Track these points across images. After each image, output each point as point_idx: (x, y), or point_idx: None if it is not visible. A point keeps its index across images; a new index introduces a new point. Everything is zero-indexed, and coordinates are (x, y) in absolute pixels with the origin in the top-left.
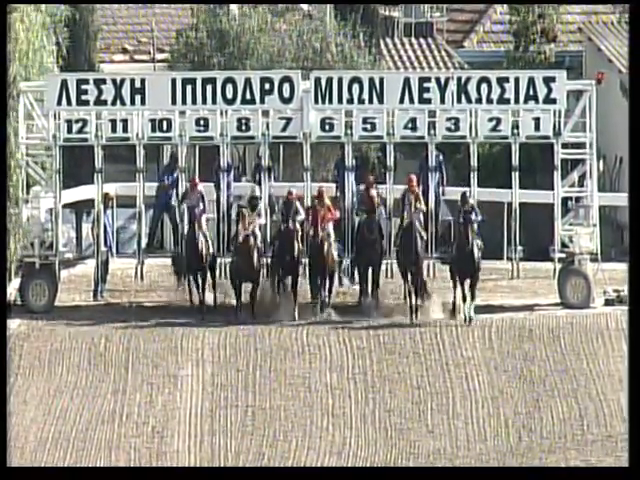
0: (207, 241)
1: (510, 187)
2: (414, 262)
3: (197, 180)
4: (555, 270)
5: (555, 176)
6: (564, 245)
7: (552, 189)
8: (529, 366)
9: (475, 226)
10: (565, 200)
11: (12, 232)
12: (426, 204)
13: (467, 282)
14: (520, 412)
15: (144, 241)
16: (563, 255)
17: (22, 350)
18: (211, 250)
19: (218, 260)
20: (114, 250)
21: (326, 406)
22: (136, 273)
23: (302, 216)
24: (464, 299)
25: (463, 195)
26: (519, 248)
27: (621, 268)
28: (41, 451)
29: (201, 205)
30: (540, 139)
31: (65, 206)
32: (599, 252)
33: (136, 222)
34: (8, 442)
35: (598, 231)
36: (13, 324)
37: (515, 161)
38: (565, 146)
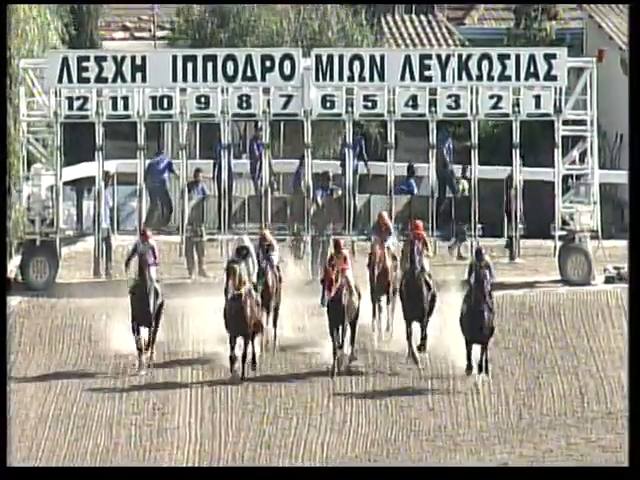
0: (157, 295)
1: (511, 164)
2: (421, 316)
3: (148, 232)
4: (556, 247)
5: (556, 153)
6: (565, 222)
7: (553, 166)
8: (529, 343)
9: (489, 287)
10: (566, 178)
11: (13, 209)
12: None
13: (477, 347)
14: (520, 389)
15: (144, 218)
16: (564, 232)
17: (22, 327)
18: (160, 300)
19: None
20: (115, 227)
21: (327, 383)
22: None
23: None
24: (480, 367)
25: (478, 252)
26: (520, 226)
27: (621, 245)
28: (42, 428)
29: (151, 258)
30: (541, 116)
31: (66, 183)
32: (599, 229)
33: (136, 199)
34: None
35: (598, 208)
36: (14, 301)
37: (516, 138)
38: (566, 123)
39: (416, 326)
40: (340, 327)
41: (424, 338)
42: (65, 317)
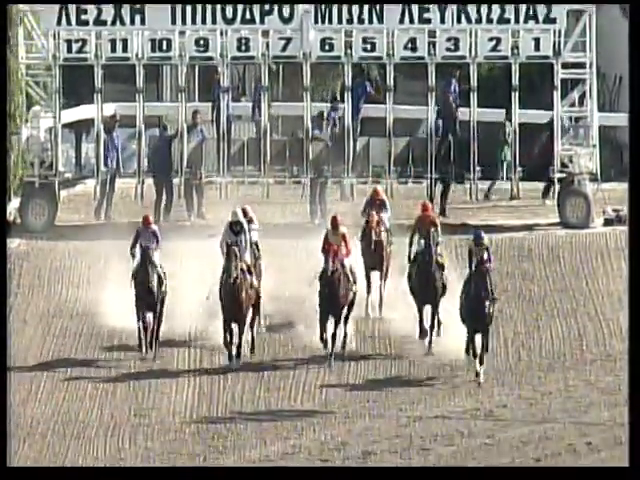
0: (160, 280)
1: (508, 107)
2: (433, 299)
3: (150, 218)
4: (555, 190)
5: (555, 96)
6: (564, 165)
7: (552, 109)
8: (528, 285)
9: (489, 273)
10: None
11: (12, 152)
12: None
13: (478, 336)
14: (519, 331)
15: (144, 161)
16: (563, 175)
17: (22, 269)
18: (163, 288)
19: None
20: (121, 170)
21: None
22: (136, 193)
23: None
24: (481, 359)
25: (477, 234)
26: (518, 168)
27: (621, 188)
28: (40, 370)
29: (154, 243)
30: (540, 59)
31: (65, 126)
32: (599, 172)
33: (135, 142)
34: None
35: (598, 151)
36: (13, 243)
37: (515, 81)
38: (565, 66)
39: (427, 308)
40: (333, 317)
41: (435, 319)
42: (64, 259)
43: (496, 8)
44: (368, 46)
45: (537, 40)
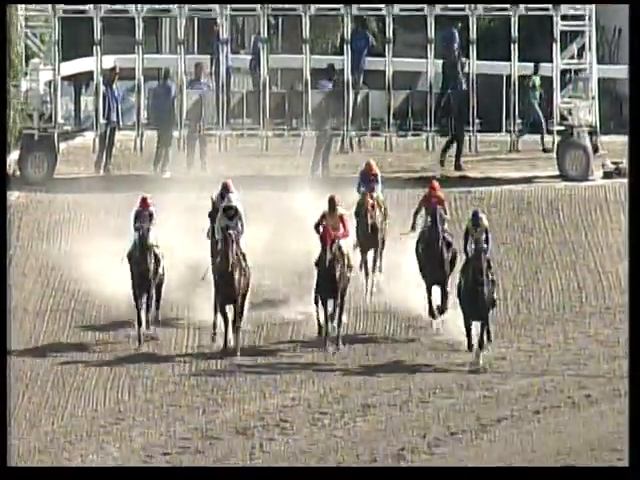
0: (157, 262)
1: (509, 59)
2: (442, 279)
3: (148, 200)
4: (554, 143)
5: (554, 48)
6: (563, 118)
7: (551, 62)
8: (527, 238)
9: (487, 256)
10: (564, 72)
11: (11, 104)
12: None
13: (477, 323)
14: (518, 284)
15: (143, 114)
16: (562, 128)
17: (21, 222)
18: (160, 270)
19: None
20: (120, 123)
21: None
22: (135, 145)
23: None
24: (480, 345)
25: (475, 215)
26: (518, 121)
27: (620, 140)
28: (40, 322)
29: (151, 224)
30: (539, 11)
31: (64, 78)
32: (598, 124)
33: (135, 94)
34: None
35: (597, 103)
36: (12, 196)
37: (514, 33)
38: (564, 18)
39: (435, 289)
40: (328, 301)
41: (445, 299)
42: (63, 212)
43: None
44: None
45: None
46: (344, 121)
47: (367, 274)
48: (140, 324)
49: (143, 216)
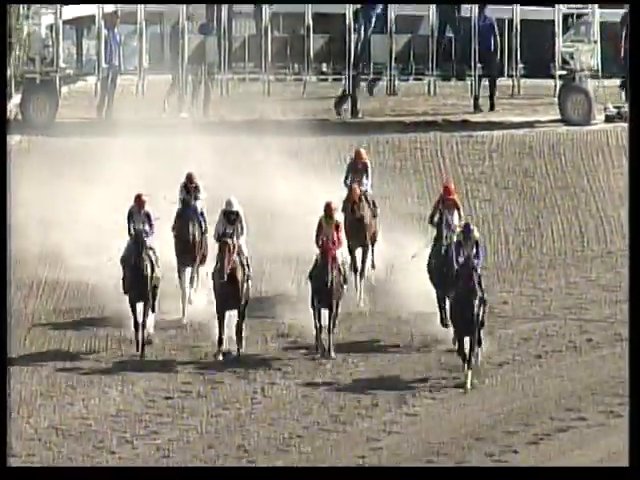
0: (152, 265)
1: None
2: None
3: (143, 198)
4: (556, 87)
5: None
6: (565, 62)
7: (553, 5)
8: (529, 183)
9: (479, 270)
10: (566, 17)
11: (12, 48)
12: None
13: (467, 340)
14: (520, 229)
15: (145, 58)
16: (564, 72)
17: (22, 166)
18: (156, 274)
19: None
20: (122, 67)
21: None
22: (137, 90)
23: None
24: (469, 363)
25: (466, 227)
26: (520, 65)
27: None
28: (42, 266)
29: (147, 226)
30: None
31: (66, 22)
32: (599, 68)
33: (136, 39)
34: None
35: (599, 47)
36: (13, 140)
37: None
38: None
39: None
40: (324, 311)
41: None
42: (65, 156)
43: None
44: None
45: None
46: (345, 66)
47: (356, 271)
48: (137, 328)
49: (138, 217)
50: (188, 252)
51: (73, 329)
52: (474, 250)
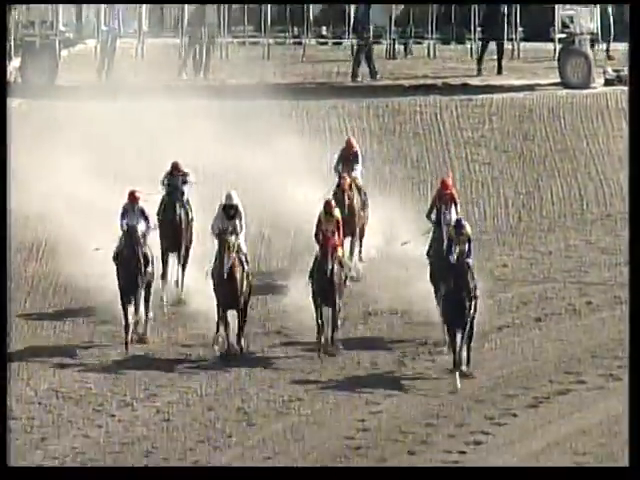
0: (147, 262)
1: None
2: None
3: (137, 194)
4: (555, 50)
5: None
6: (565, 25)
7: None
8: (529, 146)
9: (470, 266)
10: None
11: (12, 12)
12: None
13: (459, 334)
14: (520, 192)
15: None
16: (563, 35)
17: (23, 129)
18: (150, 270)
19: None
20: (122, 30)
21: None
22: (136, 53)
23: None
24: (456, 354)
25: (458, 222)
26: (519, 29)
27: (621, 48)
28: (42, 227)
29: (141, 223)
30: None
31: None
32: (599, 32)
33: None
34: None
35: (598, 11)
36: (14, 103)
37: None
38: None
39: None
40: (327, 308)
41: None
42: (65, 119)
43: None
44: None
45: None
46: (345, 30)
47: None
48: (127, 328)
49: (132, 213)
50: (173, 236)
51: (72, 294)
52: (467, 245)
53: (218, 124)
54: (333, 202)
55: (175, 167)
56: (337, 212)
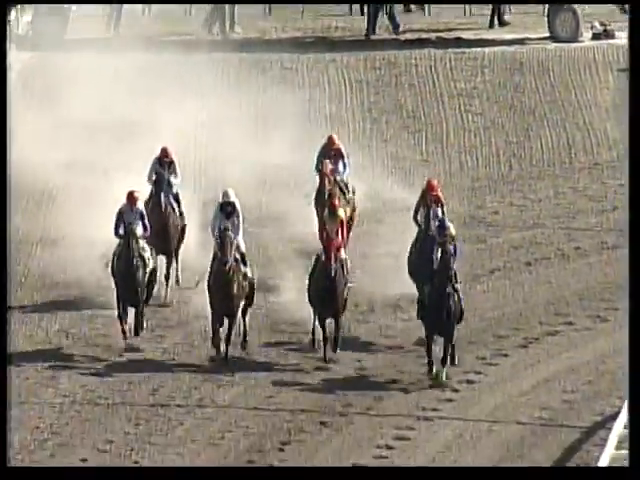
0: (145, 265)
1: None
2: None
3: (136, 194)
4: (545, 6)
5: None
6: None
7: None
8: (520, 97)
9: (454, 267)
10: None
11: None
12: None
13: (441, 339)
14: (511, 141)
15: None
16: None
17: (34, 82)
18: (147, 270)
19: None
20: None
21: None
22: (143, 8)
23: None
24: (443, 361)
25: (441, 223)
26: None
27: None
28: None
29: (139, 227)
30: None
31: None
32: None
33: None
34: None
35: None
36: (25, 56)
37: None
38: None
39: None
40: (330, 315)
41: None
42: (74, 72)
43: None
44: None
45: None
46: None
47: None
48: (124, 334)
49: (130, 215)
50: (161, 228)
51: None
52: (451, 247)
53: (219, 77)
54: (337, 202)
55: (164, 153)
56: (341, 212)
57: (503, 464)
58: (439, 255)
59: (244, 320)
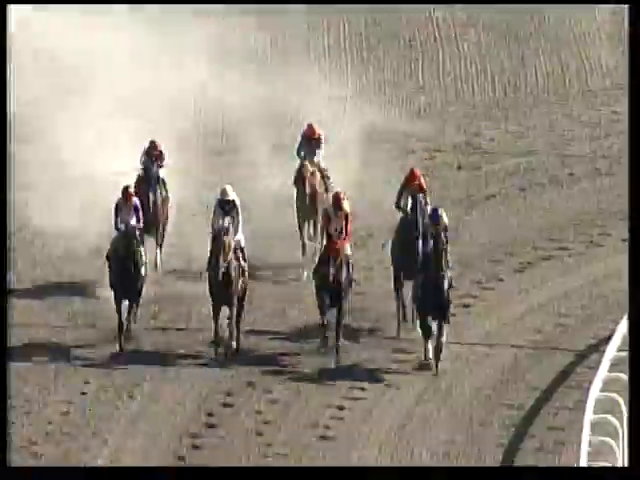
0: (141, 260)
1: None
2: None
3: (130, 190)
4: None
5: None
6: None
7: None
8: (515, 26)
9: (447, 255)
10: None
11: None
12: None
13: (434, 323)
14: (506, 69)
15: None
16: None
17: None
18: (143, 270)
19: None
20: None
21: (324, 65)
22: None
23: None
24: (435, 351)
25: (434, 211)
26: None
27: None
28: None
29: (133, 220)
30: None
31: None
32: None
33: None
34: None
35: None
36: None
37: None
38: None
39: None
40: (332, 309)
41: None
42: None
43: None
44: None
45: None
46: None
47: (304, 244)
48: (121, 329)
49: (126, 210)
50: (149, 219)
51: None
52: (443, 234)
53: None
54: (342, 195)
55: (153, 146)
56: (346, 205)
57: (498, 388)
58: (432, 243)
59: (237, 325)
